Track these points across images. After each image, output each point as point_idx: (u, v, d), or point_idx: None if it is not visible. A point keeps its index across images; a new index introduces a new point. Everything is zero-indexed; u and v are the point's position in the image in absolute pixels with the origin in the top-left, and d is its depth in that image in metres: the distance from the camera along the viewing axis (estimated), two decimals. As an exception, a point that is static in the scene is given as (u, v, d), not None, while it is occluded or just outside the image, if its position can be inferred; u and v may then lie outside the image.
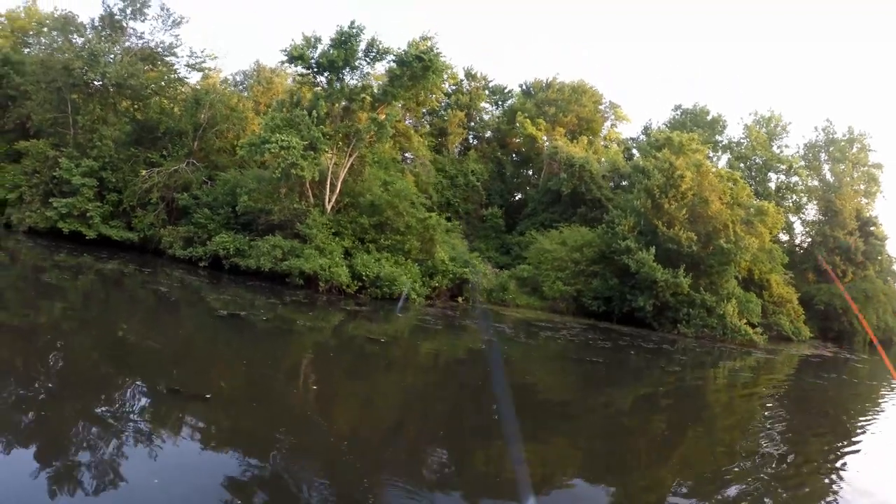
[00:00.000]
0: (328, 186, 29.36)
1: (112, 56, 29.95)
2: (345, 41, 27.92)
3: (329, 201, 29.47)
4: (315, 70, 29.10)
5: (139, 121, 32.55)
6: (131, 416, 7.79)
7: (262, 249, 26.38)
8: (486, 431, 9.85)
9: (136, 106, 32.79)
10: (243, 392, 9.87)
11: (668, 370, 21.70)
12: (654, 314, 33.04)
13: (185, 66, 33.63)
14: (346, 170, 29.72)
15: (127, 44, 31.70)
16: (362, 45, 28.30)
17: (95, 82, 30.00)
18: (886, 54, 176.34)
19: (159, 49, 32.49)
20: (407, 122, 43.66)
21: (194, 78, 35.23)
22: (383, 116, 28.67)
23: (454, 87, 51.63)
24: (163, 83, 33.06)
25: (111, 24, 30.84)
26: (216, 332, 15.70)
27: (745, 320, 32.99)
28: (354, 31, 27.99)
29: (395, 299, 26.40)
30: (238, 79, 39.62)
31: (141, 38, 32.31)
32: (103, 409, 7.91)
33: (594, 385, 16.35)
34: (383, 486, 6.77)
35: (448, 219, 33.60)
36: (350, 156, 29.68)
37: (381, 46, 28.39)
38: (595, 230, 39.67)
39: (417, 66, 27.61)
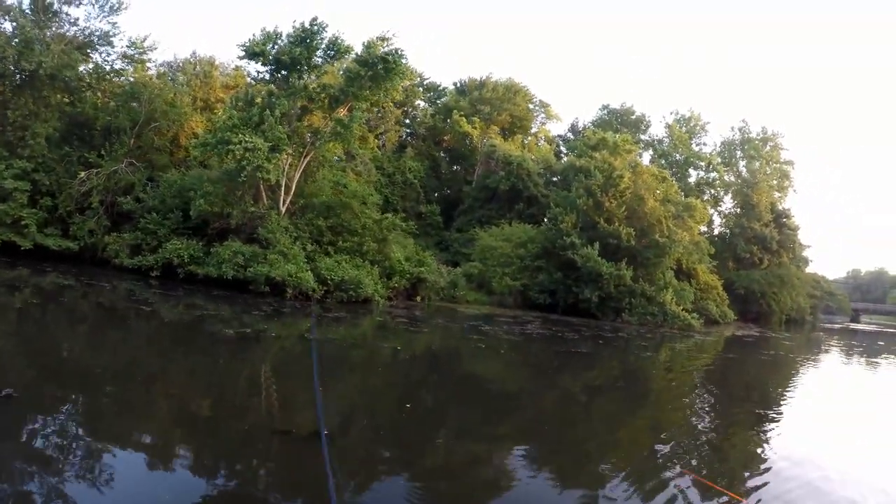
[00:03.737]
0: (283, 188, 29.67)
1: (44, 45, 28.36)
2: (306, 38, 28.22)
3: (283, 203, 29.83)
4: (273, 67, 29.14)
5: (72, 116, 31.20)
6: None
7: (223, 256, 26.17)
8: (439, 422, 10.53)
9: (67, 100, 31.27)
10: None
11: (615, 355, 24.40)
12: (598, 305, 36.10)
13: (123, 57, 32.24)
14: (300, 171, 30.13)
15: (60, 31, 30.16)
16: (323, 44, 28.67)
17: (24, 74, 28.39)
18: (799, 58, 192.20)
19: (94, 38, 30.94)
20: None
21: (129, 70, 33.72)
22: (342, 116, 29.05)
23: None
24: (97, 75, 31.77)
25: (43, 8, 29.04)
26: (229, 353, 15.14)
27: (681, 307, 36.45)
28: (315, 28, 28.34)
29: (362, 302, 27.31)
30: (163, 70, 37.80)
31: (75, 24, 30.70)
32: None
33: (547, 373, 17.96)
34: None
35: (406, 219, 34.51)
36: (305, 157, 30.11)
37: (342, 45, 28.82)
38: (537, 227, 42.48)
39: (381, 68, 28.22)
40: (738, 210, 56.83)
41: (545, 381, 16.44)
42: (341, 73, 31.76)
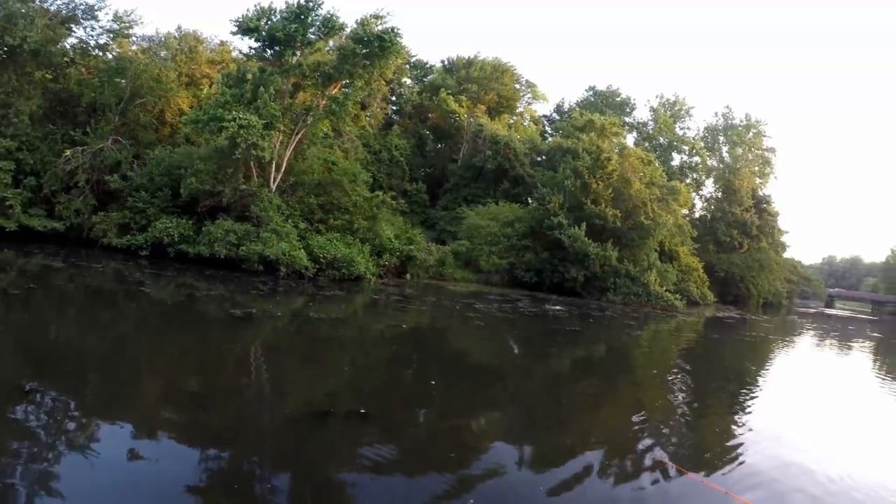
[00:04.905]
0: (273, 166, 29.91)
1: (27, 19, 27.96)
2: (300, 14, 28.34)
3: (274, 181, 30.13)
4: (266, 43, 29.14)
5: (56, 93, 31.06)
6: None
7: (215, 234, 26.38)
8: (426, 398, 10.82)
9: (51, 76, 31.09)
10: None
11: (605, 333, 25.59)
12: (583, 284, 37.31)
13: (108, 31, 32.04)
14: (292, 149, 30.44)
15: (44, 4, 29.91)
16: (318, 20, 28.78)
17: (6, 49, 28.05)
18: (782, 50, 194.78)
19: (78, 11, 30.71)
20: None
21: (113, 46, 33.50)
22: (335, 93, 29.31)
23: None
24: (82, 50, 31.62)
25: (25, -21, 28.61)
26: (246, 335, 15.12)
27: (664, 288, 37.73)
28: (311, 4, 28.44)
29: (354, 280, 27.90)
30: (145, 45, 37.46)
31: (59, -4, 30.25)
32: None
33: (531, 350, 18.65)
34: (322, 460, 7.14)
35: (394, 198, 34.96)
36: (297, 134, 30.40)
37: (336, 22, 28.99)
38: (523, 206, 43.41)
39: (376, 46, 28.43)
40: (720, 194, 58.37)
41: (544, 356, 17.36)
42: (329, 50, 31.96)
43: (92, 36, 32.18)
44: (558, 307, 30.33)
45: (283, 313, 19.01)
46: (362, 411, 8.76)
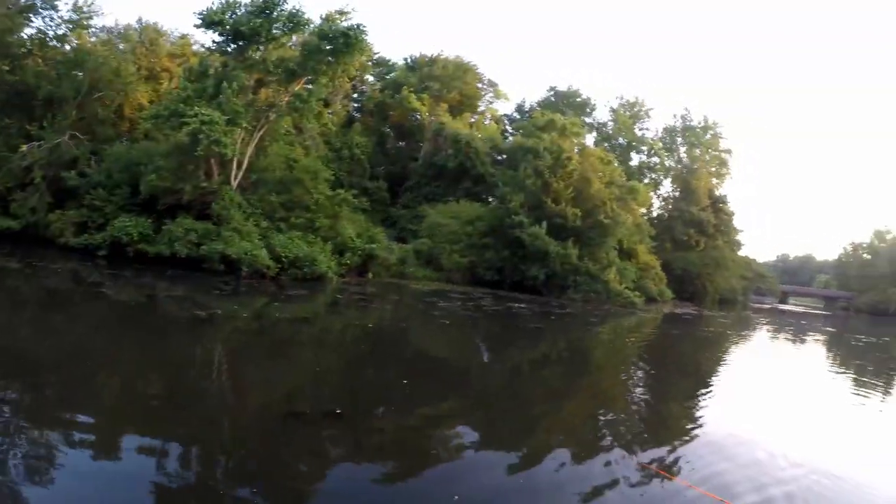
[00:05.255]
0: (235, 163, 29.76)
1: None
2: (266, 9, 28.22)
3: (235, 179, 30.05)
4: (230, 38, 28.92)
5: (12, 85, 30.39)
6: None
7: (176, 233, 26.12)
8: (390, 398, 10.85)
9: (7, 67, 30.51)
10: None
11: (568, 329, 26.53)
12: (544, 282, 38.14)
13: (67, 22, 31.64)
14: (253, 146, 30.42)
15: None
16: (284, 15, 28.63)
17: None
18: (738, 53, 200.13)
19: (37, 1, 30.32)
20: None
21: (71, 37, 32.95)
22: (298, 89, 29.38)
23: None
24: (40, 41, 31.20)
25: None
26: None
27: (624, 285, 38.88)
28: (277, -1, 28.39)
29: (316, 279, 28.08)
30: (104, 37, 36.74)
31: (16, -15, 29.84)
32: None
33: (498, 348, 19.22)
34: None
35: (355, 196, 35.12)
36: (259, 131, 30.41)
37: (303, 18, 28.99)
38: (485, 205, 44.12)
39: (341, 43, 28.50)
40: (678, 194, 60.24)
41: (510, 353, 17.97)
42: (293, 46, 31.91)
43: (51, 26, 31.80)
44: (522, 305, 31.06)
45: (247, 314, 19.06)
46: (338, 411, 8.90)
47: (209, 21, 28.15)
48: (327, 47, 28.83)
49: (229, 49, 29.53)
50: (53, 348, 11.40)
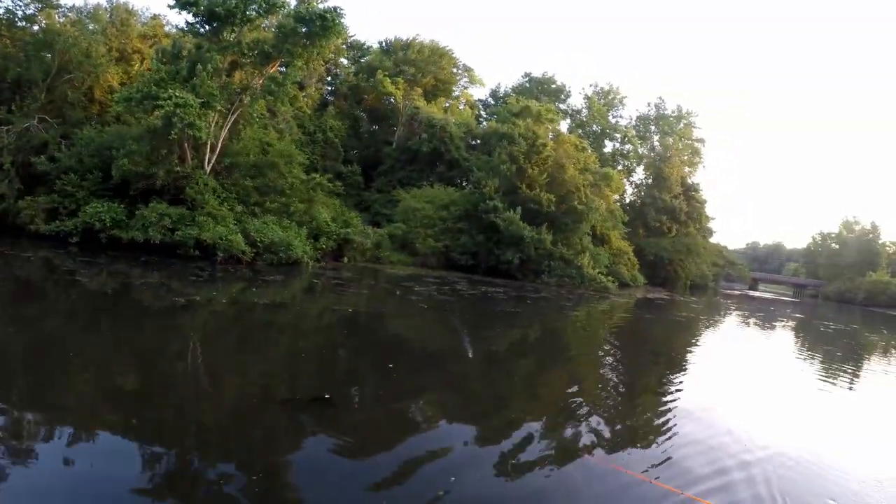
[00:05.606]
0: (208, 147, 29.65)
1: None
2: None
3: (209, 163, 29.92)
4: (205, 19, 28.60)
5: None
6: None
7: (149, 219, 25.89)
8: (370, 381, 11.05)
9: None
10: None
11: (543, 313, 27.04)
12: (518, 267, 38.82)
13: (34, 1, 31.05)
14: (227, 129, 30.33)
15: None
16: None
17: None
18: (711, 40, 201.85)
19: None
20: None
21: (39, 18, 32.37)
22: (272, 72, 29.28)
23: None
24: (7, 21, 30.63)
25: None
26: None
27: (597, 270, 39.70)
28: (252, -22, 28.11)
29: (292, 264, 28.25)
30: (73, 17, 36.00)
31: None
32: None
33: (472, 331, 19.33)
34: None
35: (330, 180, 35.19)
36: (233, 114, 30.30)
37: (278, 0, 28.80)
38: (459, 189, 44.63)
39: (318, 25, 28.38)
40: (650, 181, 61.32)
41: (490, 338, 18.20)
42: (267, 27, 31.71)
43: (19, 5, 31.07)
44: (497, 289, 31.62)
45: (226, 300, 19.14)
46: (327, 396, 9.05)
47: (184, 2, 27.78)
48: (303, 30, 28.70)
49: (203, 30, 29.24)
50: (30, 339, 11.03)
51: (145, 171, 27.29)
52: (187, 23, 29.54)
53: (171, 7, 28.45)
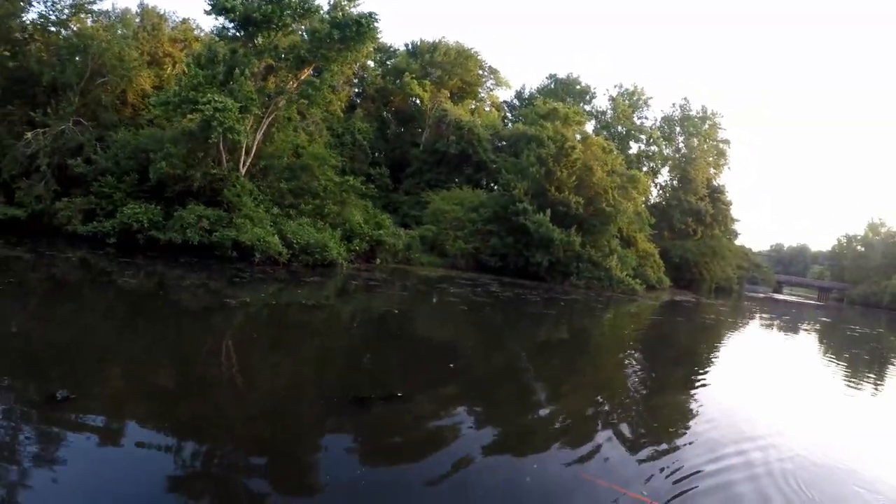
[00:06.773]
0: (243, 150, 30.13)
1: None
2: None
3: (244, 165, 30.42)
4: (240, 24, 29.02)
5: (13, 72, 30.32)
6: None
7: (188, 220, 26.25)
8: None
9: (8, 53, 30.36)
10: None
11: (579, 315, 27.39)
12: (547, 269, 39.10)
13: (69, 6, 31.53)
14: (262, 132, 30.81)
15: None
16: (295, 1, 28.76)
17: None
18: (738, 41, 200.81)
19: None
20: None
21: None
22: (311, 77, 29.72)
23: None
24: (42, 26, 31.04)
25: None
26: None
27: (625, 272, 39.89)
28: (286, -17, 28.53)
29: (327, 266, 28.64)
30: (101, 21, 36.61)
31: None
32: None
33: (506, 331, 20.02)
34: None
35: (362, 182, 35.61)
36: (268, 117, 30.78)
37: (313, 4, 29.24)
38: (487, 191, 44.98)
39: (353, 31, 28.83)
40: (676, 183, 61.26)
41: (539, 338, 18.80)
42: (301, 32, 32.16)
43: (53, 10, 31.52)
44: (529, 291, 31.95)
45: (276, 301, 19.47)
46: (399, 394, 9.31)
47: (220, 7, 28.23)
48: (338, 35, 29.07)
49: (238, 35, 29.67)
50: (76, 338, 11.20)
51: (182, 173, 27.67)
52: (224, 27, 29.84)
53: (207, 13, 28.91)
